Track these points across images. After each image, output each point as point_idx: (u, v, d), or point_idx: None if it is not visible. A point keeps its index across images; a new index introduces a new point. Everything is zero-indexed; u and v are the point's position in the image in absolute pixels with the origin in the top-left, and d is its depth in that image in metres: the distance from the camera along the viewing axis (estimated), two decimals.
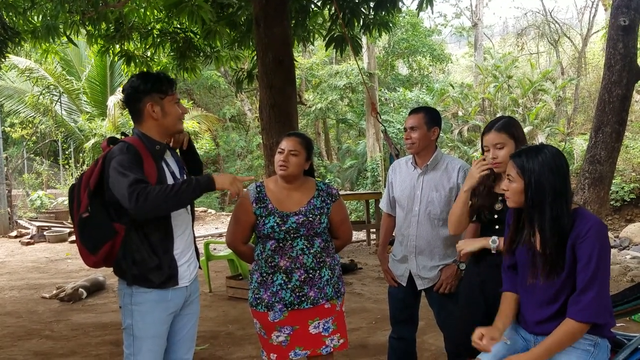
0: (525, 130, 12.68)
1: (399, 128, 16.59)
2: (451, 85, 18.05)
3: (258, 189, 2.71)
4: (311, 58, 19.71)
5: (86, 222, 2.21)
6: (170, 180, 2.31)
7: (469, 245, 2.54)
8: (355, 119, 20.74)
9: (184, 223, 2.38)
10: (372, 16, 6.46)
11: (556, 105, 17.61)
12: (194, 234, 2.52)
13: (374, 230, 9.62)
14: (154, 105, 2.29)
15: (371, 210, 10.79)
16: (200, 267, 2.58)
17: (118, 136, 2.38)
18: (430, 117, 3.01)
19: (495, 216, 2.48)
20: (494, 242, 2.43)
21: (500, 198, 2.46)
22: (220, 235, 12.00)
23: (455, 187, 2.95)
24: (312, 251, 2.64)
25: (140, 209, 2.05)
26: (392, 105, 19.17)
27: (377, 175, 16.17)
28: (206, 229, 13.41)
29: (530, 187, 2.01)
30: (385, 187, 3.35)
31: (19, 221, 13.13)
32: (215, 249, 8.32)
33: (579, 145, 15.04)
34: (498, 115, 16.04)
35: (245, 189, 2.66)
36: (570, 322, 1.97)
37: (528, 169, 2.02)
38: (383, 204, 3.29)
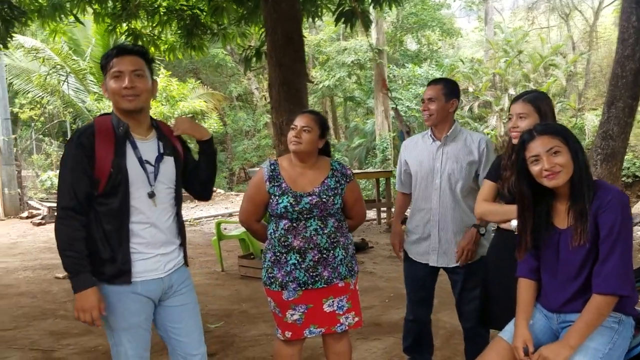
0: None
1: (407, 105, 16.43)
2: (461, 61, 17.84)
3: (272, 167, 2.68)
4: (318, 34, 19.49)
5: None
6: (134, 165, 2.12)
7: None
8: (363, 97, 20.57)
9: (153, 214, 2.16)
10: None
11: (567, 81, 17.41)
12: (179, 221, 2.31)
13: (384, 209, 9.60)
14: (104, 85, 2.17)
15: (381, 189, 10.75)
16: (185, 261, 2.36)
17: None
18: (449, 88, 2.98)
19: None
20: (513, 223, 2.40)
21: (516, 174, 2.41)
22: (230, 215, 12.04)
23: (477, 162, 2.92)
24: (326, 231, 2.61)
25: (55, 228, 2.10)
26: (400, 81, 18.96)
27: (386, 154, 16.07)
28: (216, 209, 13.44)
29: (578, 160, 1.97)
30: (397, 166, 3.30)
31: (29, 202, 13.22)
32: (225, 229, 8.34)
33: (590, 120, 14.88)
34: (509, 90, 15.95)
35: (258, 167, 2.61)
36: (596, 298, 1.93)
37: (572, 142, 1.99)
38: (397, 185, 3.26)
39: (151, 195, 2.16)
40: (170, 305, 2.28)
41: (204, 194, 2.50)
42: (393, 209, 9.69)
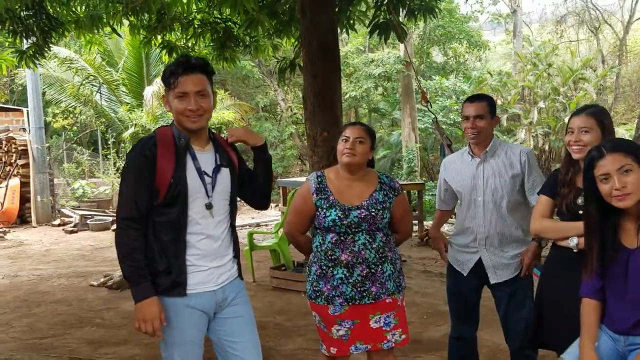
0: (566, 120, 12.35)
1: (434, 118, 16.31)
2: (489, 73, 17.69)
3: (319, 179, 2.66)
4: (345, 46, 19.53)
5: None
6: (193, 176, 2.12)
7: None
8: (388, 109, 20.50)
9: (209, 225, 2.17)
10: (419, 1, 6.31)
11: (597, 94, 17.13)
12: (233, 232, 2.32)
13: (416, 222, 9.50)
14: (165, 97, 2.20)
15: (413, 202, 10.66)
16: (239, 273, 2.37)
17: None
18: (492, 105, 2.97)
19: (581, 212, 2.36)
20: (572, 242, 2.33)
21: (583, 193, 2.34)
22: (258, 225, 12.05)
23: (520, 174, 2.86)
24: (374, 246, 2.57)
25: (115, 239, 2.12)
26: (427, 94, 18.89)
27: (413, 166, 15.95)
28: (242, 218, 13.43)
29: None
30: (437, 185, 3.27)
31: (61, 210, 13.39)
32: (255, 239, 8.33)
33: (621, 135, 14.62)
34: (539, 104, 15.75)
35: (305, 179, 2.60)
36: None
37: None
38: (438, 203, 3.25)
39: (209, 206, 2.17)
40: (223, 317, 2.26)
41: (261, 202, 2.52)
42: (425, 223, 9.62)
